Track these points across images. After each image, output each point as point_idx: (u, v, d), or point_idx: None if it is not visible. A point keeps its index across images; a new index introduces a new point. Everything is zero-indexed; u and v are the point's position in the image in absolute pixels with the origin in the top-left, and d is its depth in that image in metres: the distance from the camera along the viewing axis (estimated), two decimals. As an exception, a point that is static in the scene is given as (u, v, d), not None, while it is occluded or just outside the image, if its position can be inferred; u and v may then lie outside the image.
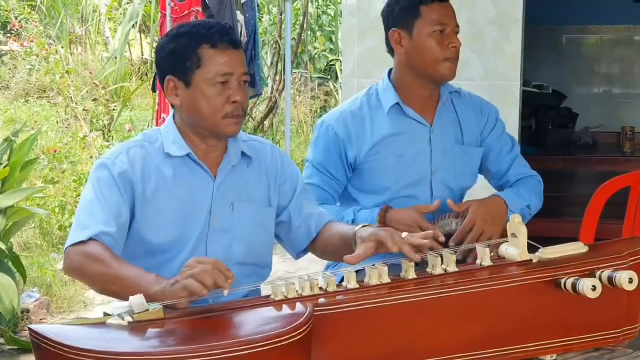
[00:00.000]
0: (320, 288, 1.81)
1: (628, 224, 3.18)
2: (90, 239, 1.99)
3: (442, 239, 2.07)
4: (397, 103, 2.58)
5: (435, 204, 2.46)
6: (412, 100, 2.59)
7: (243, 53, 2.14)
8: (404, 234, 1.99)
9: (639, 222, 3.16)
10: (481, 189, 2.75)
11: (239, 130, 2.15)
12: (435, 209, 2.46)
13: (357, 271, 1.86)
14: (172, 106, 2.18)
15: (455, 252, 1.92)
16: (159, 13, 5.45)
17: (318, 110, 8.84)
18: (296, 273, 4.59)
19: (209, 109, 2.09)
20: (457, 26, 2.55)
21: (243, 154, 2.22)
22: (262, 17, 8.54)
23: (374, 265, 1.85)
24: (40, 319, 4.13)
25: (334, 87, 9.15)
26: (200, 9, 4.91)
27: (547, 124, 5.74)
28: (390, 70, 2.64)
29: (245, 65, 2.14)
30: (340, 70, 8.83)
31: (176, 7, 5.12)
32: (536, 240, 1.94)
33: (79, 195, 5.26)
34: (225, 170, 2.18)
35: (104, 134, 6.83)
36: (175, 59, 2.10)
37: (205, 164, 2.16)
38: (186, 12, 5.02)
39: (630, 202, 3.19)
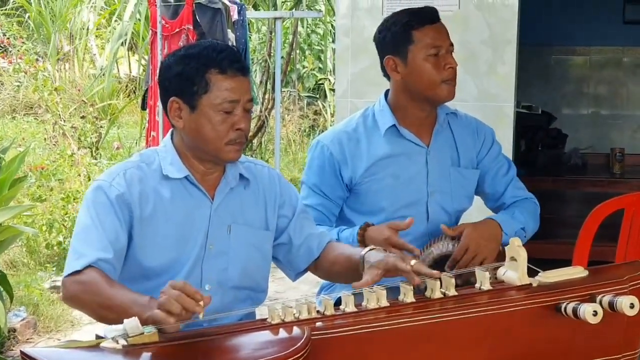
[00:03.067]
0: (318, 311, 1.79)
1: (621, 247, 3.17)
2: (87, 266, 1.95)
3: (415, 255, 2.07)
4: (394, 125, 2.57)
5: (408, 221, 2.28)
6: (409, 122, 2.58)
7: (249, 79, 2.11)
8: (413, 261, 1.95)
9: (632, 244, 3.15)
10: (475, 212, 2.74)
11: (239, 157, 2.13)
12: (406, 227, 2.28)
13: (355, 294, 1.84)
14: (173, 126, 2.15)
15: (453, 276, 1.90)
16: (150, 31, 5.43)
17: (307, 129, 8.84)
18: (286, 293, 4.57)
19: (213, 135, 2.06)
20: (452, 45, 2.53)
21: (241, 176, 2.19)
22: (251, 36, 8.53)
23: (372, 288, 1.83)
24: (27, 339, 4.08)
25: (323, 106, 9.15)
26: (192, 27, 4.89)
27: (537, 145, 5.72)
28: (387, 91, 2.63)
29: (251, 92, 2.11)
30: (330, 89, 8.83)
31: (167, 25, 5.09)
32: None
33: (67, 213, 5.21)
34: (223, 193, 2.15)
35: (92, 151, 6.79)
36: (182, 81, 2.06)
37: (203, 186, 2.13)
38: (177, 30, 5.00)
39: (624, 225, 3.17)
